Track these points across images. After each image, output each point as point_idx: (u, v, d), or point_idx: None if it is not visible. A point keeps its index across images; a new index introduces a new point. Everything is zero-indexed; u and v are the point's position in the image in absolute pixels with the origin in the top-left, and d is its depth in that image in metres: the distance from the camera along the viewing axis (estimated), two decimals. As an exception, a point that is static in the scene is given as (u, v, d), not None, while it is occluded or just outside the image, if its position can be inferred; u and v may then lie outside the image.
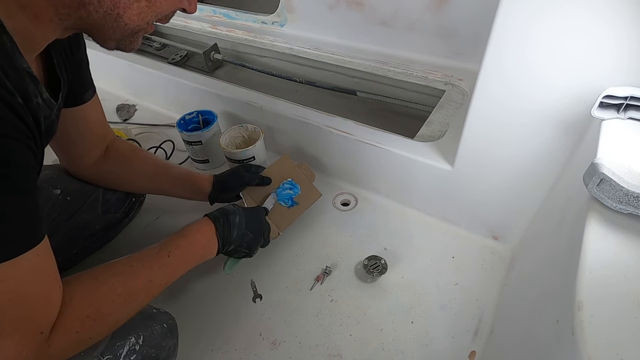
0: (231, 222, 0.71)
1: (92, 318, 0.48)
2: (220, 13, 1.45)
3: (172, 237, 0.64)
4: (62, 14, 0.43)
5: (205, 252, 0.68)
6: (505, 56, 0.64)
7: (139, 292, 0.54)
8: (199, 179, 0.86)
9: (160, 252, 0.60)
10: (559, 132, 0.67)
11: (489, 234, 0.88)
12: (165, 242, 0.62)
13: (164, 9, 0.48)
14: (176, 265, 0.61)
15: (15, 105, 0.39)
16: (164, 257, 0.60)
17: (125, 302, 0.52)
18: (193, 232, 0.66)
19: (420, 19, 1.03)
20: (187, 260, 0.64)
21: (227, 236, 0.70)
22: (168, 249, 0.61)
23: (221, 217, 0.70)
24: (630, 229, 0.44)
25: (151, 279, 0.56)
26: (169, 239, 0.63)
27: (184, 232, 0.66)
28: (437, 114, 0.97)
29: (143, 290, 0.55)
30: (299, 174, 0.91)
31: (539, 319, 0.52)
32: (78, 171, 0.80)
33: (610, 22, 0.54)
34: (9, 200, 0.38)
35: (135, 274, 0.55)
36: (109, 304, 0.50)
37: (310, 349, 0.73)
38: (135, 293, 0.54)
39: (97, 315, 0.48)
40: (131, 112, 1.39)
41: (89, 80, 0.70)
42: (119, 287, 0.52)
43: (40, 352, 0.43)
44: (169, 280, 0.60)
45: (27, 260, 0.40)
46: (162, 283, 0.59)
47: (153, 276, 0.57)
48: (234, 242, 0.71)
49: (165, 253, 0.60)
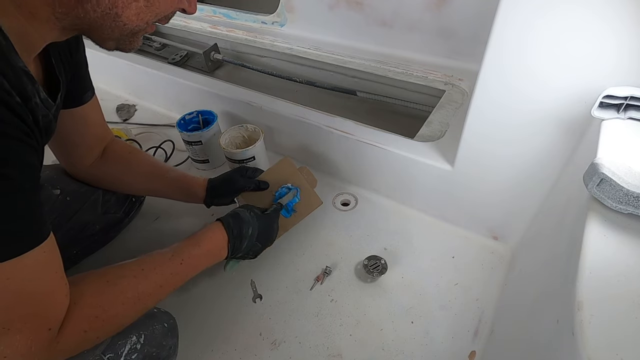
0: (244, 234, 0.70)
1: (101, 319, 0.49)
2: (220, 13, 1.45)
3: (185, 243, 0.64)
4: (58, 13, 0.43)
5: (215, 259, 0.68)
6: (505, 56, 0.64)
7: (149, 296, 0.55)
8: (194, 184, 0.85)
9: (173, 258, 0.60)
10: (559, 132, 0.67)
11: (489, 234, 0.88)
12: (178, 249, 0.62)
13: (163, 10, 0.48)
14: (187, 272, 0.62)
15: (13, 105, 0.39)
16: (177, 265, 0.60)
17: (134, 305, 0.53)
18: (206, 241, 0.66)
19: (420, 19, 1.04)
20: (198, 268, 0.64)
21: (237, 247, 0.70)
22: (181, 257, 0.61)
23: (235, 227, 0.69)
24: (630, 229, 0.44)
25: (162, 284, 0.57)
26: (182, 246, 0.63)
27: (198, 241, 0.65)
28: (437, 114, 0.97)
29: (152, 295, 0.56)
30: (300, 179, 0.88)
31: (539, 319, 0.52)
32: (76, 172, 0.80)
33: (610, 22, 0.54)
34: (13, 199, 0.39)
35: (147, 278, 0.55)
36: (118, 306, 0.51)
37: (310, 349, 0.73)
38: (145, 297, 0.54)
39: (106, 316, 0.49)
40: (131, 112, 1.39)
41: (88, 81, 0.70)
42: (129, 290, 0.53)
43: (49, 348, 0.44)
44: (178, 285, 0.60)
45: (33, 257, 0.41)
46: (171, 288, 0.59)
47: (163, 282, 0.57)
48: (243, 252, 0.72)
49: (178, 260, 0.60)
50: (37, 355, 0.42)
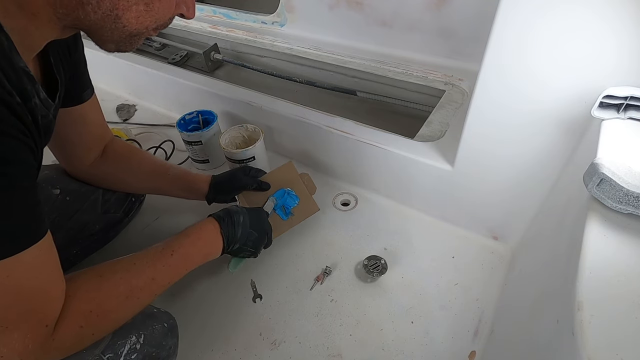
0: (235, 221, 0.71)
1: (95, 313, 0.49)
2: (220, 13, 1.45)
3: (176, 236, 0.65)
4: (60, 13, 0.43)
5: (210, 250, 0.68)
6: (505, 56, 0.64)
7: (142, 290, 0.55)
8: (197, 180, 0.86)
9: (164, 251, 0.61)
10: (559, 132, 0.67)
11: (489, 234, 0.88)
12: (169, 241, 0.63)
13: (162, 15, 0.48)
14: (180, 264, 0.62)
15: (13, 105, 0.39)
16: (168, 256, 0.60)
17: (127, 299, 0.53)
18: (196, 231, 0.67)
19: (420, 19, 1.04)
20: (191, 259, 0.64)
21: (232, 235, 0.70)
22: (172, 248, 0.62)
23: (225, 216, 0.71)
24: (630, 229, 0.44)
25: (154, 277, 0.57)
26: (173, 238, 0.64)
27: (187, 231, 0.66)
28: (437, 114, 0.97)
29: (146, 289, 0.56)
30: (300, 185, 0.89)
31: (539, 319, 0.52)
32: (76, 172, 0.80)
33: (610, 22, 0.54)
34: (9, 197, 0.39)
35: (139, 272, 0.56)
36: (112, 300, 0.51)
37: (310, 349, 0.73)
38: (138, 291, 0.54)
39: (100, 311, 0.49)
40: (131, 112, 1.39)
41: (87, 80, 0.70)
42: (122, 284, 0.53)
43: (45, 345, 0.44)
44: (173, 279, 0.60)
45: (30, 255, 0.41)
46: (165, 282, 0.59)
47: (156, 274, 0.57)
48: (240, 241, 0.72)
49: (169, 252, 0.61)
50: (33, 352, 0.43)
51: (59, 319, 0.46)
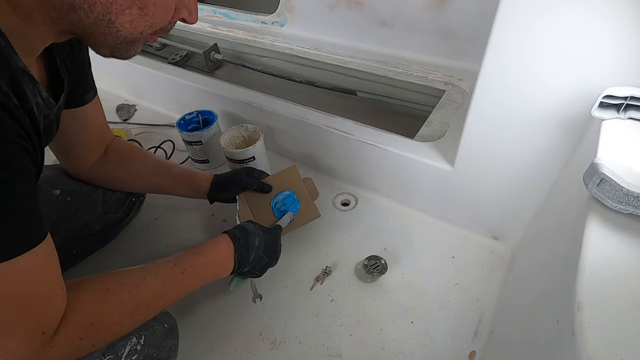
0: (250, 244, 0.68)
1: (97, 327, 0.48)
2: (220, 13, 1.45)
3: (189, 252, 0.63)
4: (53, 17, 0.42)
5: (220, 271, 0.66)
6: (505, 56, 0.64)
7: (147, 307, 0.54)
8: (199, 178, 0.85)
9: (175, 268, 0.59)
10: (559, 132, 0.67)
11: (489, 234, 0.88)
12: (181, 257, 0.61)
13: (158, 20, 0.47)
14: (189, 283, 0.60)
15: (10, 107, 0.39)
16: (178, 274, 0.58)
17: (132, 315, 0.52)
18: (210, 250, 0.65)
19: (420, 19, 1.03)
20: (201, 279, 0.62)
21: (244, 259, 0.68)
22: (183, 266, 0.59)
23: (242, 237, 0.68)
24: (630, 229, 0.44)
25: (161, 294, 0.56)
26: (186, 254, 0.62)
27: (201, 249, 0.64)
28: (437, 114, 0.97)
29: (151, 306, 0.55)
30: (302, 189, 0.88)
31: (539, 319, 0.52)
32: (78, 172, 0.80)
33: (610, 22, 0.54)
34: (7, 201, 0.38)
35: (147, 288, 0.54)
36: (115, 315, 0.50)
37: (310, 349, 0.73)
38: (144, 308, 0.53)
39: (102, 325, 0.48)
40: (131, 112, 1.39)
41: (91, 81, 0.70)
42: (128, 300, 0.52)
43: (42, 353, 0.43)
44: (179, 296, 0.59)
45: (26, 261, 0.40)
46: (172, 299, 0.58)
47: (163, 292, 0.56)
48: (250, 265, 0.69)
49: (179, 270, 0.59)
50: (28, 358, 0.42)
51: (59, 328, 0.44)
